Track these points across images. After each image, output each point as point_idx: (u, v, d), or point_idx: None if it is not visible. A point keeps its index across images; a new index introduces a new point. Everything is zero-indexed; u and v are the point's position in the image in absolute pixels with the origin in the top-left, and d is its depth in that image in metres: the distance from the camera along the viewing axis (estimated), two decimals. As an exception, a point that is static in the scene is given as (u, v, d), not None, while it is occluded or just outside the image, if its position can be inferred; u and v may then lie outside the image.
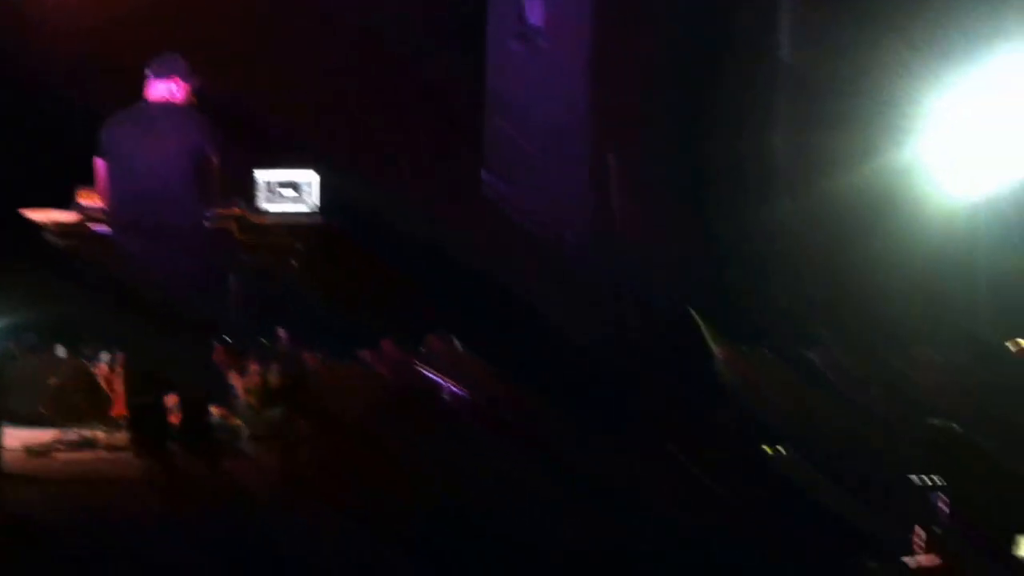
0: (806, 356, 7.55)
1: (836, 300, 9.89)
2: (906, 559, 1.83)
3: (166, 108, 5.93)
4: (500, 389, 6.04)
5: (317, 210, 6.67)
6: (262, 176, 6.77)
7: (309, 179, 6.74)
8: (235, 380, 7.48)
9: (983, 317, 9.76)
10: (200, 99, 6.04)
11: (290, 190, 6.72)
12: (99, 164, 5.95)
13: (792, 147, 10.02)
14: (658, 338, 6.11)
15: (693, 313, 6.19)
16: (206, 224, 5.99)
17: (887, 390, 6.55)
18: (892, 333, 9.31)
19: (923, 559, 1.82)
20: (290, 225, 6.64)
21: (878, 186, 10.00)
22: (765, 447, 5.87)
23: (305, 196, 6.68)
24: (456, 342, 6.97)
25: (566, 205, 6.22)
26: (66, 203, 6.65)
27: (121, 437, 6.82)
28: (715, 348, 6.16)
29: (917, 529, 1.79)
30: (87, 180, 6.12)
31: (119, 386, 7.39)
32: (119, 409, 7.39)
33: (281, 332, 7.54)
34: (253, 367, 7.36)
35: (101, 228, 6.30)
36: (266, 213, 6.67)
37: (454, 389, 6.36)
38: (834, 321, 9.55)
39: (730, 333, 7.40)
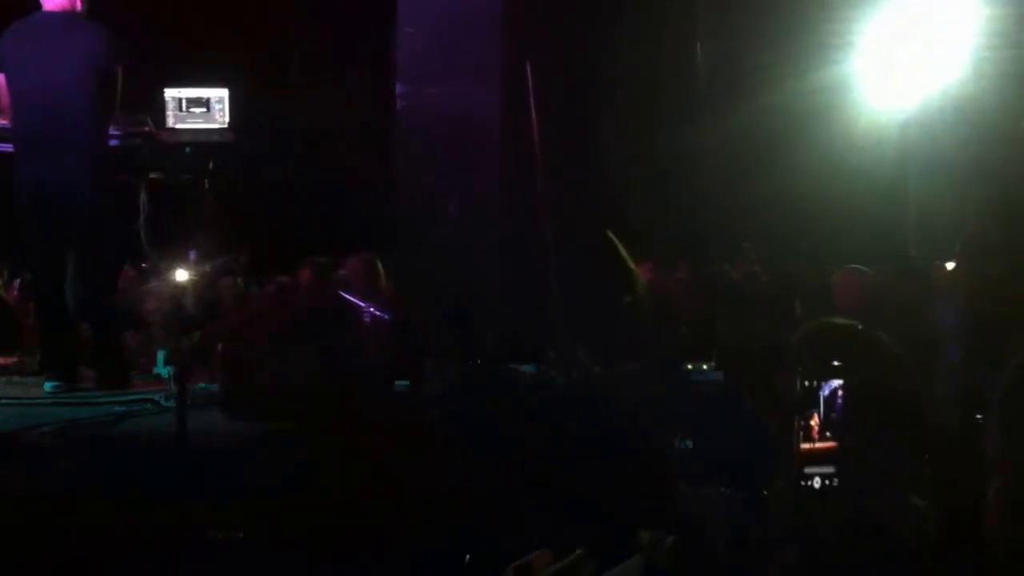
0: (729, 274, 7.56)
1: (761, 218, 9.92)
2: (804, 445, 1.80)
3: (64, 17, 5.68)
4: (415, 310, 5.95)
5: (228, 128, 6.46)
6: (171, 94, 6.53)
7: (220, 96, 6.50)
8: (150, 307, 7.29)
9: (909, 233, 9.86)
10: (103, 11, 5.80)
11: (200, 108, 6.48)
12: (0, 79, 5.70)
13: (718, 64, 9.94)
14: (576, 258, 6.04)
15: (610, 235, 6.13)
16: (111, 142, 5.78)
17: (809, 305, 6.57)
18: (819, 250, 9.38)
19: (819, 444, 1.80)
20: (200, 144, 6.42)
21: (806, 104, 10.00)
22: (688, 364, 5.86)
23: (216, 114, 6.45)
24: (378, 264, 6.85)
25: (480, 117, 6.09)
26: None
27: (33, 363, 6.65)
28: (632, 267, 6.10)
29: (815, 416, 1.77)
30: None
31: (31, 312, 7.20)
32: (31, 336, 7.20)
33: (194, 256, 7.35)
34: (167, 293, 7.17)
35: (3, 146, 6.07)
36: (176, 132, 6.44)
37: (374, 311, 6.25)
38: (759, 239, 9.60)
39: (654, 252, 7.37)
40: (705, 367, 5.71)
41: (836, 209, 9.92)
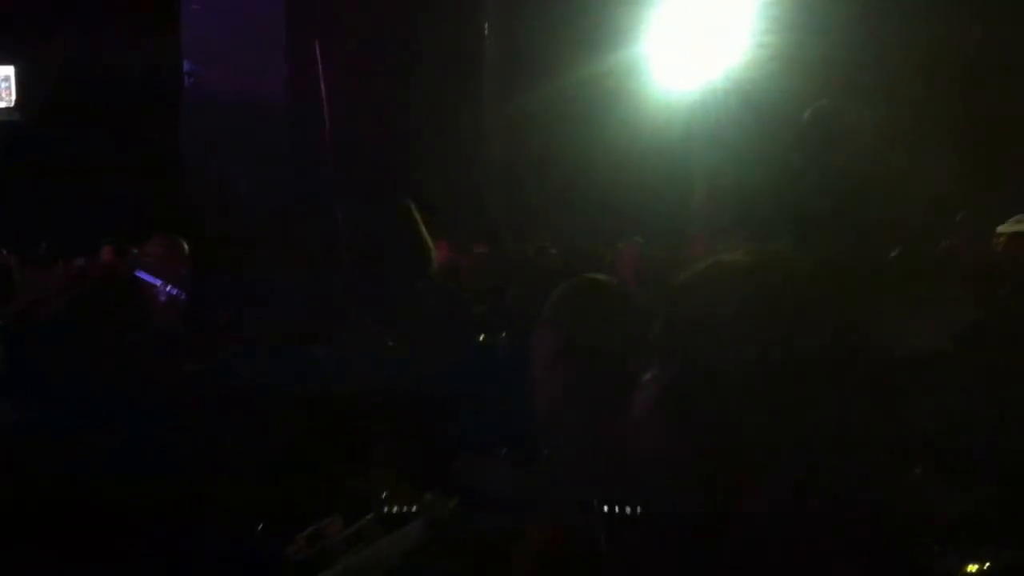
0: (524, 254, 7.81)
1: (552, 201, 10.18)
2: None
3: None
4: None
5: (15, 107, 6.34)
6: (-49, 72, 6.37)
7: (5, 74, 6.38)
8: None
9: (693, 211, 10.29)
10: None
11: (-16, 86, 6.35)
12: None
13: (504, 47, 10.13)
14: (371, 232, 6.13)
15: (410, 207, 6.23)
16: None
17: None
18: (615, 226, 9.69)
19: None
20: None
21: (599, 85, 10.29)
22: (480, 337, 6.04)
23: (1, 92, 6.33)
24: (181, 243, 6.82)
25: (267, 94, 6.12)
26: None
27: None
28: (429, 242, 6.23)
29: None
30: None
31: None
32: None
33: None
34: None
35: None
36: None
37: (169, 289, 6.24)
38: (557, 216, 9.88)
39: (453, 231, 7.54)
40: (496, 340, 5.90)
41: (630, 187, 10.26)
